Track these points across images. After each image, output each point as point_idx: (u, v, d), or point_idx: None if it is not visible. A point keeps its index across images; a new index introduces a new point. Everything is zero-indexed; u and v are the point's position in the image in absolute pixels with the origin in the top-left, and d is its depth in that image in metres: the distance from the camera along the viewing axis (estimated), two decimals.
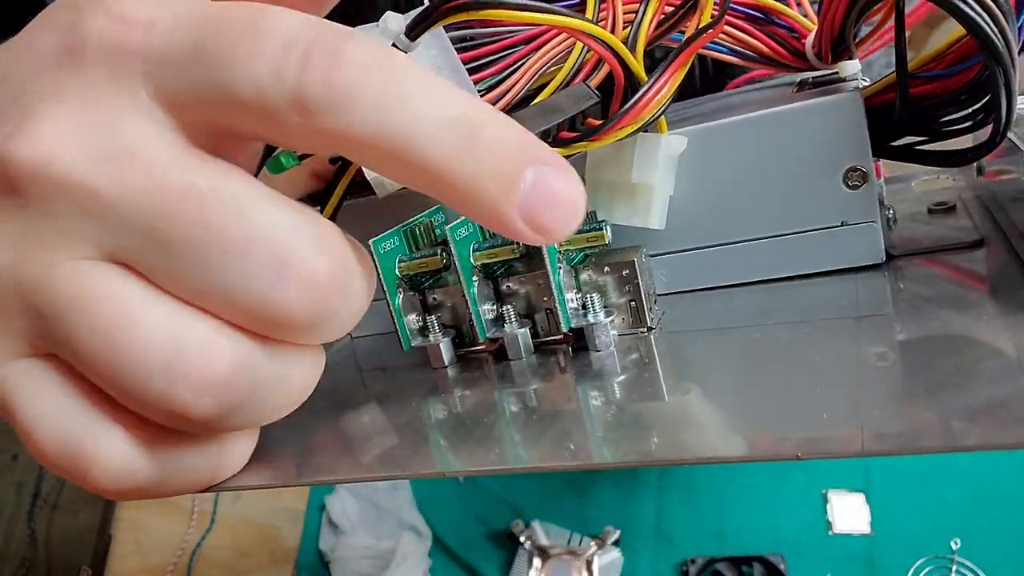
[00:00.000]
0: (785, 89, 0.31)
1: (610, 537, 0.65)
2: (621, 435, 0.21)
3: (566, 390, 0.25)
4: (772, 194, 0.27)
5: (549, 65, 0.31)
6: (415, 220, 0.29)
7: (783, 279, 0.28)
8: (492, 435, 0.23)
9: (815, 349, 0.22)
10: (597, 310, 0.26)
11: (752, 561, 0.63)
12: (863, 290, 0.25)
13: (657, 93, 0.25)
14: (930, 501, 0.65)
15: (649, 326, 0.26)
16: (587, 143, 0.25)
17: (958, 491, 0.66)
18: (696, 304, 0.28)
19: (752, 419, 0.20)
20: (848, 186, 0.26)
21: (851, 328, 0.23)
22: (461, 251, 0.27)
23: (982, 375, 0.18)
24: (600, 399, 0.24)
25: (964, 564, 0.62)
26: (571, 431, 0.22)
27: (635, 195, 0.27)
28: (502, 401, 0.25)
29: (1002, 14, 0.21)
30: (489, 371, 0.28)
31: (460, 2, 0.23)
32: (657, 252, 0.29)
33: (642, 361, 0.25)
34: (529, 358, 0.27)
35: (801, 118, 0.25)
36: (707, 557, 0.64)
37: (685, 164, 0.27)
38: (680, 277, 0.29)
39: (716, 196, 0.27)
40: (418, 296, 0.29)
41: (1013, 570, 0.60)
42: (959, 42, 0.24)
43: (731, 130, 0.26)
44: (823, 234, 0.27)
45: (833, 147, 0.25)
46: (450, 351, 0.28)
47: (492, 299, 0.28)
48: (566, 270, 0.26)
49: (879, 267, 0.26)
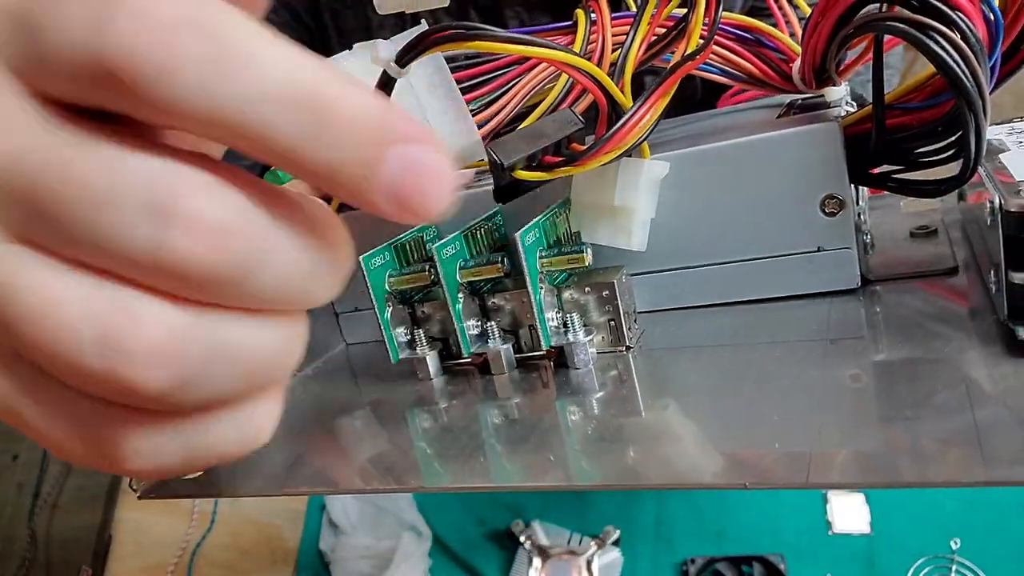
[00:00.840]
0: (771, 111, 0.32)
1: (610, 537, 0.65)
2: (596, 450, 0.22)
3: (546, 405, 0.26)
4: (750, 218, 0.27)
5: (541, 84, 0.32)
6: (405, 236, 0.30)
7: (761, 300, 0.28)
8: (475, 449, 0.23)
9: (783, 373, 0.23)
10: (577, 329, 0.27)
11: (752, 561, 0.63)
12: (836, 314, 0.26)
13: (639, 121, 0.25)
14: (930, 501, 0.65)
15: (628, 345, 0.27)
16: (571, 168, 0.26)
17: (958, 491, 0.65)
18: (676, 323, 0.29)
19: (716, 443, 0.20)
20: (825, 213, 0.26)
21: (820, 351, 0.24)
22: (447, 269, 0.27)
23: (933, 409, 0.19)
24: (578, 414, 0.25)
25: (964, 564, 0.62)
26: (551, 444, 0.23)
27: (617, 217, 0.27)
28: (484, 415, 0.26)
29: (973, 54, 0.21)
30: (474, 384, 0.28)
31: (449, 33, 0.23)
32: (639, 271, 0.29)
33: (620, 379, 0.26)
34: (512, 373, 0.28)
35: (780, 146, 0.26)
36: (707, 557, 0.64)
37: (667, 187, 0.28)
38: (661, 296, 0.30)
39: (696, 219, 0.28)
40: (407, 309, 0.30)
41: (1013, 570, 0.60)
42: (936, 75, 0.24)
43: (711, 156, 0.27)
44: (800, 258, 0.27)
45: (811, 175, 0.26)
46: (436, 364, 0.29)
47: (478, 314, 0.29)
48: (548, 289, 0.27)
49: (855, 291, 0.27)
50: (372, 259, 0.28)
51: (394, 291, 0.29)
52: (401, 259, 0.30)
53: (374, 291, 0.28)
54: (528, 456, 0.22)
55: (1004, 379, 0.19)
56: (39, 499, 0.69)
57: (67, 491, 0.72)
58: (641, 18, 0.28)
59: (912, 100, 0.25)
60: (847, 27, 0.24)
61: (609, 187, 0.27)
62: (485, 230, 0.30)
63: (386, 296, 0.29)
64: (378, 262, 0.29)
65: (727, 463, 0.19)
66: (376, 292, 0.29)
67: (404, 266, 0.29)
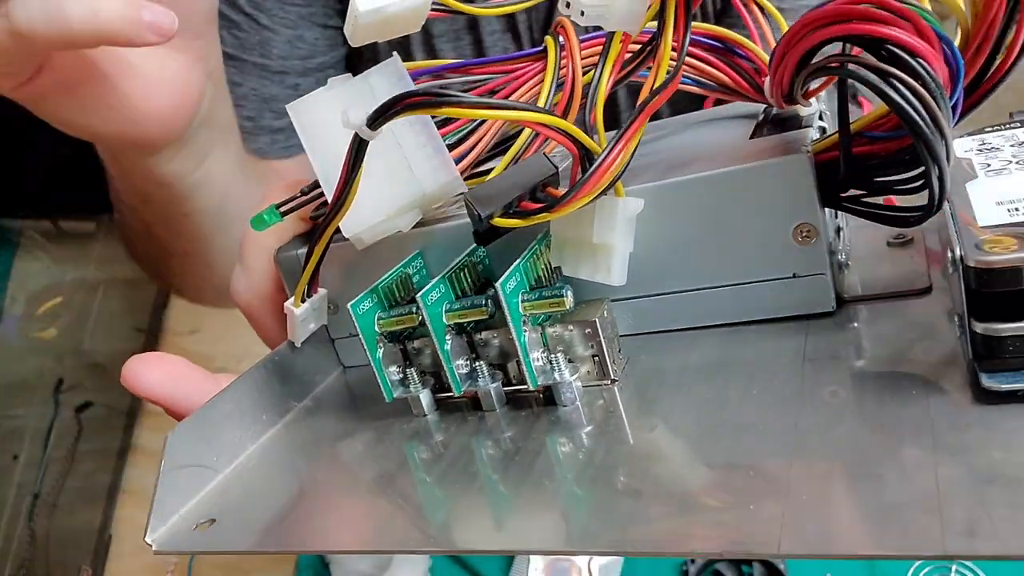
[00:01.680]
0: (747, 123, 0.32)
1: None
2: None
3: (536, 441, 0.27)
4: (726, 246, 0.28)
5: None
6: (389, 276, 0.31)
7: (741, 323, 0.29)
8: (470, 497, 0.25)
9: (758, 404, 0.24)
10: (562, 368, 0.28)
11: (752, 561, 0.62)
12: (812, 336, 0.27)
13: (611, 164, 0.26)
14: None
15: (613, 378, 0.28)
16: (548, 214, 0.26)
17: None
18: (659, 349, 0.29)
19: (693, 508, 0.21)
20: (798, 241, 0.27)
21: (797, 378, 0.25)
22: (432, 313, 0.28)
23: (894, 469, 0.19)
24: (568, 446, 0.26)
25: (964, 564, 0.61)
26: (544, 480, 0.24)
27: (597, 254, 0.28)
28: (479, 449, 0.27)
29: (933, 99, 0.21)
30: (466, 418, 0.29)
31: (419, 100, 0.24)
32: (621, 297, 0.30)
33: (607, 411, 0.27)
34: (502, 408, 0.29)
35: (751, 178, 0.26)
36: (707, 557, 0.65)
37: (643, 217, 0.28)
38: (643, 320, 0.30)
39: (673, 247, 0.29)
40: (398, 347, 0.31)
41: (1013, 570, 0.60)
42: None
43: (683, 188, 0.27)
44: (776, 284, 0.28)
45: (783, 205, 0.26)
46: (429, 399, 0.30)
47: (467, 351, 0.29)
48: (532, 329, 0.28)
49: (830, 313, 0.28)
50: (360, 305, 0.29)
51: (384, 332, 0.30)
52: (388, 299, 0.30)
53: (364, 335, 0.29)
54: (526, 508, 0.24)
55: (969, 429, 0.20)
56: (39, 499, 0.71)
57: (67, 491, 0.73)
58: (609, 50, 0.28)
59: (879, 129, 0.25)
60: (808, 67, 0.24)
61: (587, 225, 0.28)
62: (469, 267, 0.30)
63: (377, 338, 0.30)
64: (366, 306, 0.29)
65: (705, 529, 0.20)
66: (366, 336, 0.29)
67: (391, 308, 0.30)
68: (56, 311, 0.76)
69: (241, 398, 0.32)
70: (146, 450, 0.79)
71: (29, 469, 0.71)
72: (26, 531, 0.69)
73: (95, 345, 0.79)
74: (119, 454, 0.78)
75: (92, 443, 0.76)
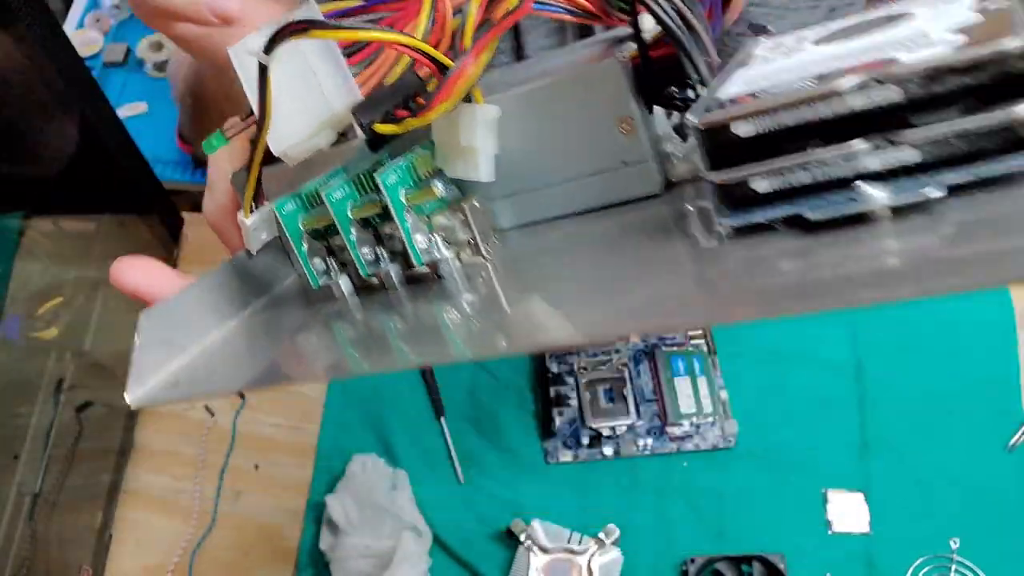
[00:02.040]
0: (606, 45, 0.37)
1: (610, 536, 0.66)
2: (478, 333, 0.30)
3: (429, 308, 0.33)
4: (569, 144, 0.34)
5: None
6: (313, 184, 0.37)
7: (596, 209, 0.35)
8: (386, 343, 0.31)
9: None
10: (441, 247, 0.34)
11: (752, 560, 0.64)
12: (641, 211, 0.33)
13: (462, 74, 0.32)
14: (929, 501, 0.66)
15: (486, 257, 0.34)
16: (415, 120, 0.32)
17: (957, 491, 0.66)
18: (529, 237, 0.36)
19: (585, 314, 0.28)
20: (623, 132, 0.32)
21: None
22: (338, 209, 0.35)
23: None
24: (452, 312, 0.33)
25: (964, 564, 0.63)
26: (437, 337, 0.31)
27: (465, 155, 0.34)
28: (388, 321, 0.34)
29: (684, 3, 0.27)
30: (378, 297, 0.36)
31: (301, 26, 0.30)
32: (500, 195, 0.36)
33: (482, 283, 0.33)
34: (403, 288, 0.36)
35: (573, 85, 0.32)
36: (707, 556, 0.65)
37: (507, 124, 0.34)
38: (520, 213, 0.36)
39: (532, 148, 0.35)
40: (323, 243, 0.37)
41: (1013, 570, 0.62)
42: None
43: (526, 98, 0.33)
44: (613, 173, 0.33)
45: (603, 104, 0.32)
46: (348, 284, 0.37)
47: (372, 242, 0.36)
48: (418, 217, 0.34)
49: (661, 196, 0.33)
50: (284, 205, 0.36)
51: (308, 231, 0.37)
52: (309, 204, 0.37)
53: (288, 229, 0.36)
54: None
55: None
56: (39, 499, 0.69)
57: (67, 490, 0.72)
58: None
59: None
60: None
61: (455, 130, 0.34)
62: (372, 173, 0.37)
63: (301, 236, 0.37)
64: (289, 207, 0.36)
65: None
66: (290, 230, 0.36)
67: (309, 209, 0.37)
68: (57, 311, 0.75)
69: (204, 294, 0.39)
70: (147, 450, 0.78)
71: (29, 469, 0.69)
72: (26, 530, 0.67)
73: (96, 345, 0.77)
74: (120, 454, 0.77)
75: (93, 443, 0.75)
